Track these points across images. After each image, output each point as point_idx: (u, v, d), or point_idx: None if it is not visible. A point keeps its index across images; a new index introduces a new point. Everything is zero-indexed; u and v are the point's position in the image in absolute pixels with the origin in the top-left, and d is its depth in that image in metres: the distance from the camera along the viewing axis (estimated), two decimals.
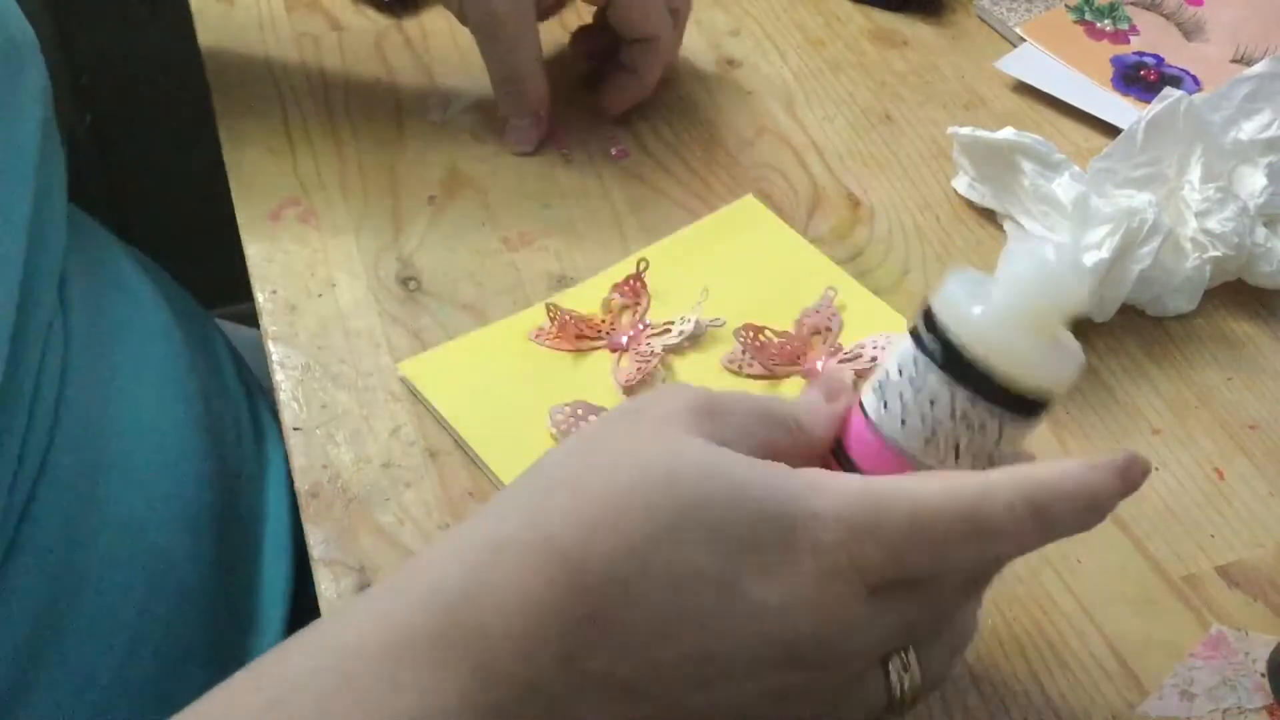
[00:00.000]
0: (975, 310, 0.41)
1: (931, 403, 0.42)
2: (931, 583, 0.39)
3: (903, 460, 0.43)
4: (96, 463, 0.56)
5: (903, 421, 0.43)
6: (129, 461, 0.59)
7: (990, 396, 0.42)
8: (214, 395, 0.67)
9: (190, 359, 0.67)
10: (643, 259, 0.66)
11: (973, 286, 0.43)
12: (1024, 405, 0.42)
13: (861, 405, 0.45)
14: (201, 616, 0.61)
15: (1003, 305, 0.41)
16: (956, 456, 0.43)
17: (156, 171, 1.31)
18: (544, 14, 0.74)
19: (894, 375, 0.43)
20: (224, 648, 0.62)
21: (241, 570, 0.65)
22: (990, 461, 0.43)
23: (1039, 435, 0.53)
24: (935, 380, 0.42)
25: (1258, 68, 0.69)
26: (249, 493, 0.67)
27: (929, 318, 0.43)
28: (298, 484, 0.58)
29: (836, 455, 0.46)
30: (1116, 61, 0.80)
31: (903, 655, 0.40)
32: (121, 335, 0.63)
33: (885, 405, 0.43)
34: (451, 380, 0.62)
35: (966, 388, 0.42)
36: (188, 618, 0.60)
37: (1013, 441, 0.43)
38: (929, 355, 0.42)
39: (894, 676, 0.40)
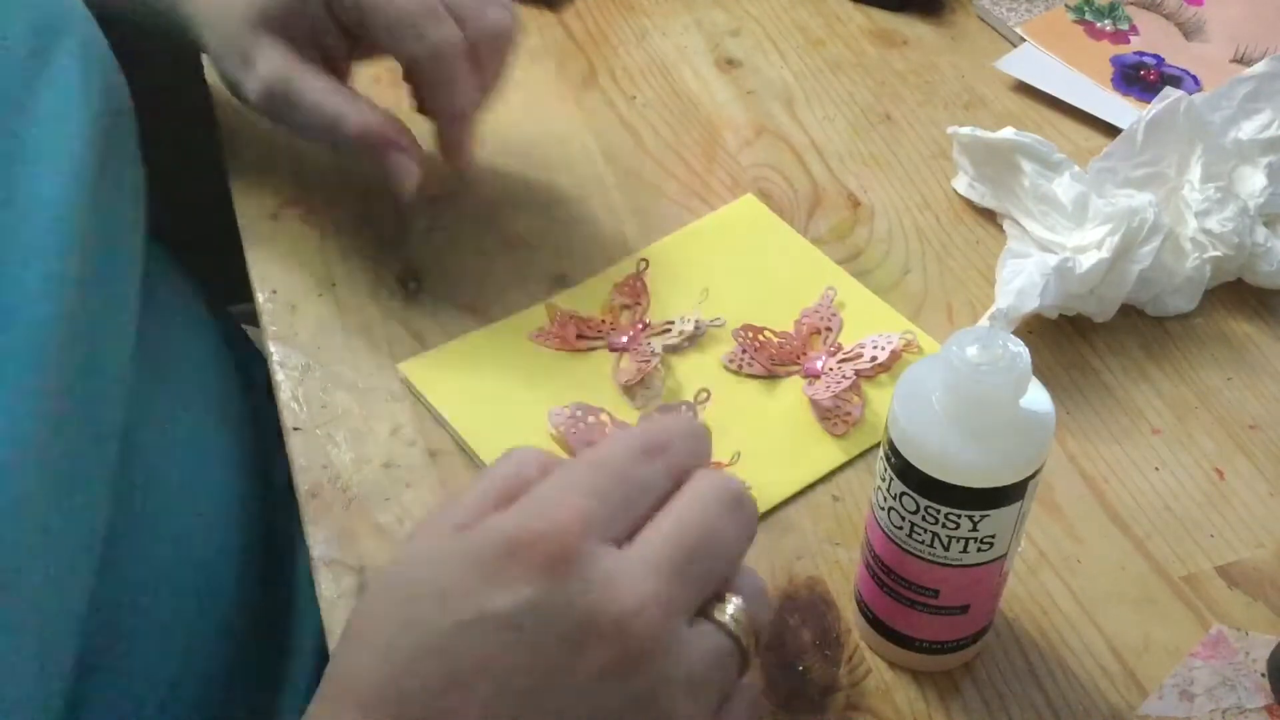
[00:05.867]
0: (916, 427, 0.45)
1: (901, 504, 0.46)
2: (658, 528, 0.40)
3: (900, 550, 0.48)
4: (147, 478, 0.57)
5: (889, 514, 0.47)
6: (179, 477, 0.60)
7: (945, 500, 0.45)
8: (259, 413, 0.67)
9: (236, 379, 0.68)
10: (643, 259, 0.66)
11: (924, 392, 0.45)
12: (983, 497, 0.45)
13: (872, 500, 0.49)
14: (245, 635, 0.62)
15: (943, 415, 0.44)
16: (945, 546, 0.46)
17: (156, 171, 1.31)
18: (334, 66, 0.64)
19: (878, 478, 0.47)
20: (264, 669, 0.62)
21: (282, 588, 0.65)
22: (978, 546, 0.46)
23: None
24: (899, 487, 0.46)
25: (1258, 68, 0.69)
26: (289, 511, 0.67)
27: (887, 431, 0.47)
28: (298, 484, 0.58)
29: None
30: (1116, 61, 0.80)
31: (720, 598, 0.40)
32: (174, 356, 0.63)
33: (880, 502, 0.48)
34: (451, 380, 0.62)
35: (924, 495, 0.45)
36: (234, 635, 0.61)
37: (997, 524, 0.46)
38: (889, 464, 0.46)
39: (721, 615, 0.40)
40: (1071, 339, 0.65)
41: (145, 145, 0.66)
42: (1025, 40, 0.81)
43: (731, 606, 0.40)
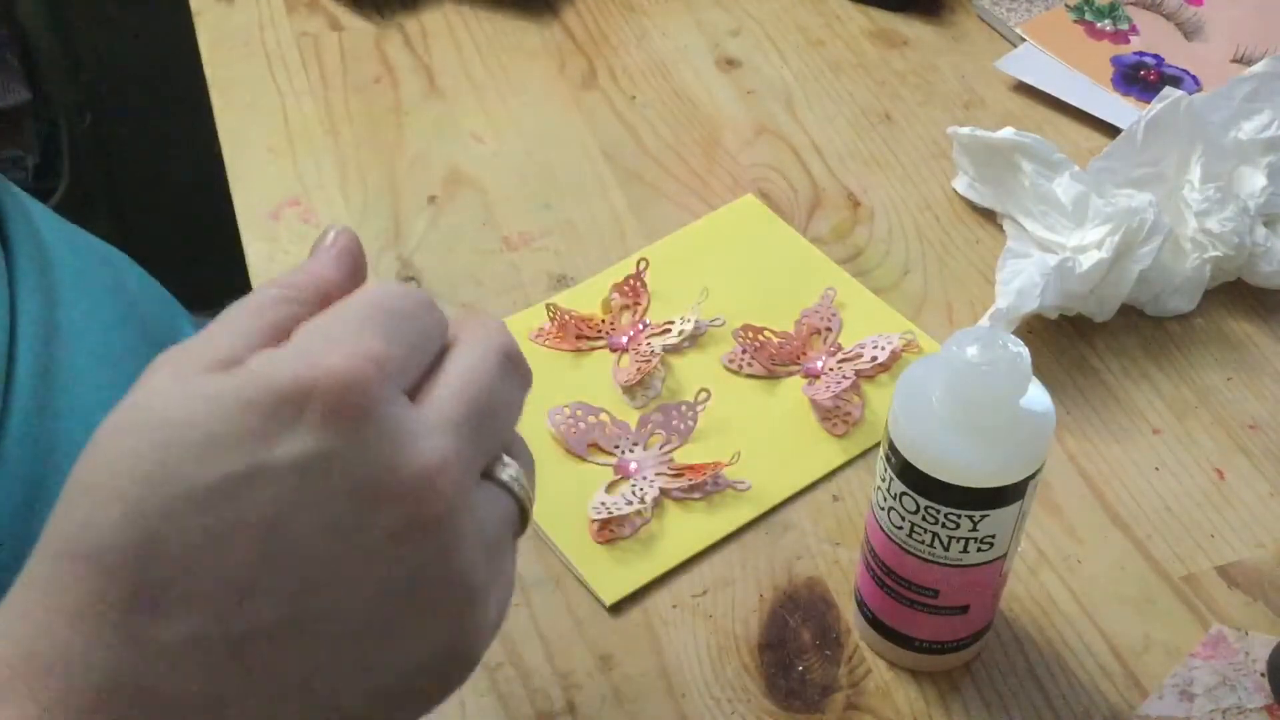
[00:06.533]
0: (916, 427, 0.45)
1: (901, 504, 0.46)
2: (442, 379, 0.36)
3: (900, 550, 0.48)
4: (48, 459, 0.55)
5: (889, 514, 0.47)
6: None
7: (945, 500, 0.45)
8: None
9: (149, 355, 0.65)
10: (643, 259, 0.66)
11: (924, 392, 0.45)
12: (983, 497, 0.45)
13: (872, 501, 0.49)
14: None
15: (943, 415, 0.45)
16: (945, 546, 0.46)
17: (156, 171, 1.31)
18: None
19: (878, 478, 0.48)
20: None
21: None
22: (978, 546, 0.46)
23: None
24: (899, 487, 0.46)
25: (1258, 68, 0.69)
26: None
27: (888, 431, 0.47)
28: None
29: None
30: (1116, 61, 0.80)
31: (500, 460, 0.37)
32: (73, 331, 0.61)
33: (880, 502, 0.48)
34: None
35: (924, 495, 0.45)
36: None
37: (997, 524, 0.46)
38: (889, 464, 0.46)
39: (505, 477, 0.37)
40: (1071, 339, 0.65)
41: (144, 145, 0.64)
42: (1025, 40, 0.81)
43: (512, 469, 0.37)
